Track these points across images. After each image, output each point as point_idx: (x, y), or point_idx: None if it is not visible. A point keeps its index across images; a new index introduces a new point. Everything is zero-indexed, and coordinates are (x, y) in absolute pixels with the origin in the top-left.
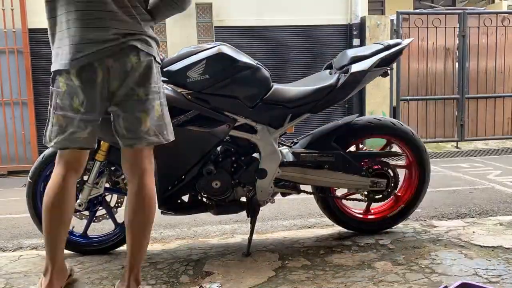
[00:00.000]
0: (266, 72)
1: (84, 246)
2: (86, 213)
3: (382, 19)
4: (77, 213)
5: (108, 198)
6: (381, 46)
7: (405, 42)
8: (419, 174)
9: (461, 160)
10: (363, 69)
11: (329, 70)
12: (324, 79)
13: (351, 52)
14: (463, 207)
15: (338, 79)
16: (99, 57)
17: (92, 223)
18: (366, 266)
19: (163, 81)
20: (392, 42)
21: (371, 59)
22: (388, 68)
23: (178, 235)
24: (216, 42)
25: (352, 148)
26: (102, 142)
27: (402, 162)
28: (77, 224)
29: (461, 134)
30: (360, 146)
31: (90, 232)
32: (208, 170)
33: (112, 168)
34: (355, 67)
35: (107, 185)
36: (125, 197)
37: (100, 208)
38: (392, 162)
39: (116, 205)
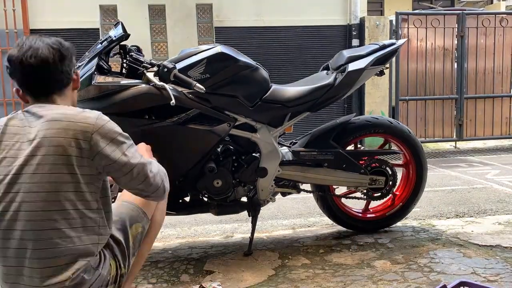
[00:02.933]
0: (265, 72)
1: None
2: None
3: (381, 19)
4: None
5: None
6: (376, 46)
7: (400, 42)
8: (416, 172)
9: (459, 159)
10: (360, 67)
11: (326, 71)
12: (321, 79)
13: (347, 52)
14: (462, 206)
15: (336, 78)
16: None
17: None
18: (366, 265)
19: (164, 81)
20: (387, 42)
21: (367, 58)
22: (384, 67)
23: (178, 234)
24: (216, 44)
25: (351, 147)
26: None
27: (399, 161)
28: None
29: (459, 134)
30: (358, 146)
31: None
32: (209, 168)
33: None
34: (352, 66)
35: None
36: None
37: None
38: (391, 161)
39: None
